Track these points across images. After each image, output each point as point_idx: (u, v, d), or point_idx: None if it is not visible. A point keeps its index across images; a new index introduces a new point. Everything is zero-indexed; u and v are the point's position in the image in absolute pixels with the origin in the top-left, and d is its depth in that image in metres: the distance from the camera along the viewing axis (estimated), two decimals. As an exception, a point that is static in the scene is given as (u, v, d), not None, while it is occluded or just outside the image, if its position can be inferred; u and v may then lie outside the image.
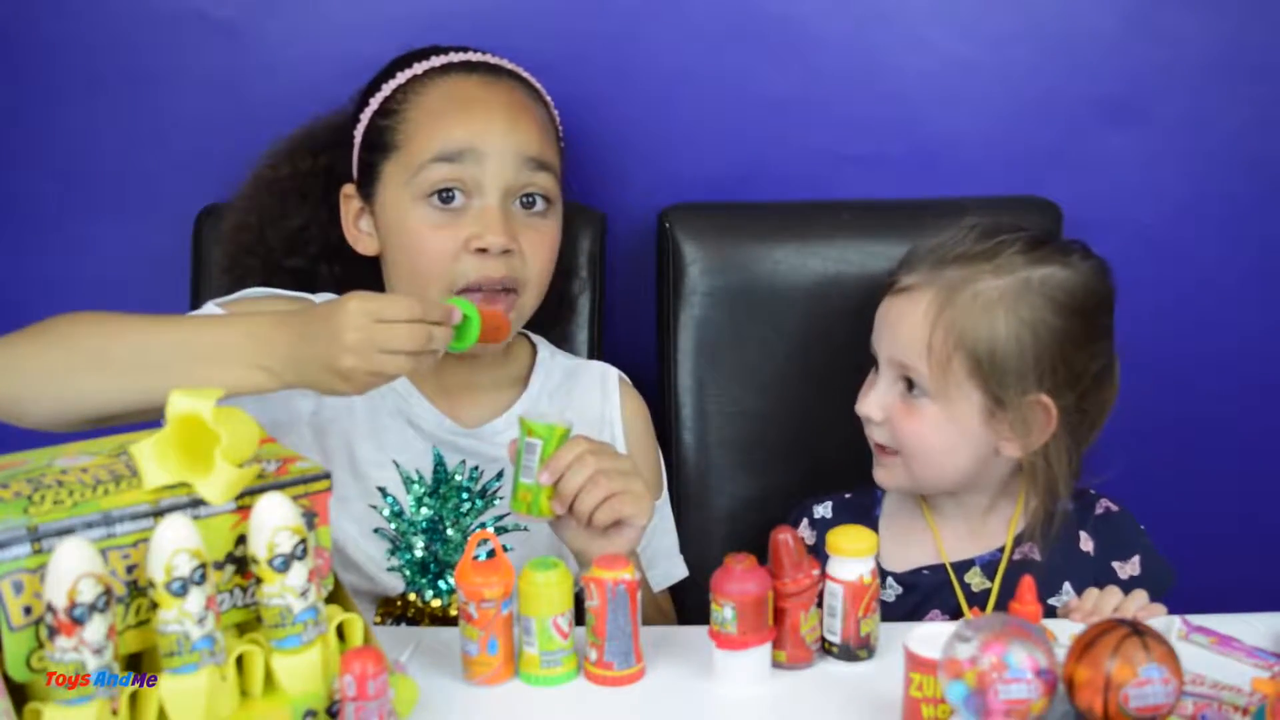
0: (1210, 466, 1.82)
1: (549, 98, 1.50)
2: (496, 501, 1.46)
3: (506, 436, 1.41)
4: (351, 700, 0.97)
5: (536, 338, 1.57)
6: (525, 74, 1.49)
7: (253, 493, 1.02)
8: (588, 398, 1.54)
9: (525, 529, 1.45)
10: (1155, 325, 1.75)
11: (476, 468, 1.46)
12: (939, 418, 1.35)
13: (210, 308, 1.39)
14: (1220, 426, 1.81)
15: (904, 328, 1.36)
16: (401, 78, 1.44)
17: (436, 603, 1.44)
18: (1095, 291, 1.37)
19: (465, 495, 1.45)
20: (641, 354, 1.72)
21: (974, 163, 1.73)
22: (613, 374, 1.57)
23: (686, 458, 1.65)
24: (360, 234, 1.46)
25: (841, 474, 1.49)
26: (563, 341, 1.64)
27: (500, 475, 1.46)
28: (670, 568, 1.56)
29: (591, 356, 1.66)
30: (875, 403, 1.39)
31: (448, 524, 1.44)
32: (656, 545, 1.54)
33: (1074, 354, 1.35)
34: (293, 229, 1.51)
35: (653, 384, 1.68)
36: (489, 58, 1.47)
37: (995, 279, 1.34)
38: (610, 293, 1.71)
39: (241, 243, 1.53)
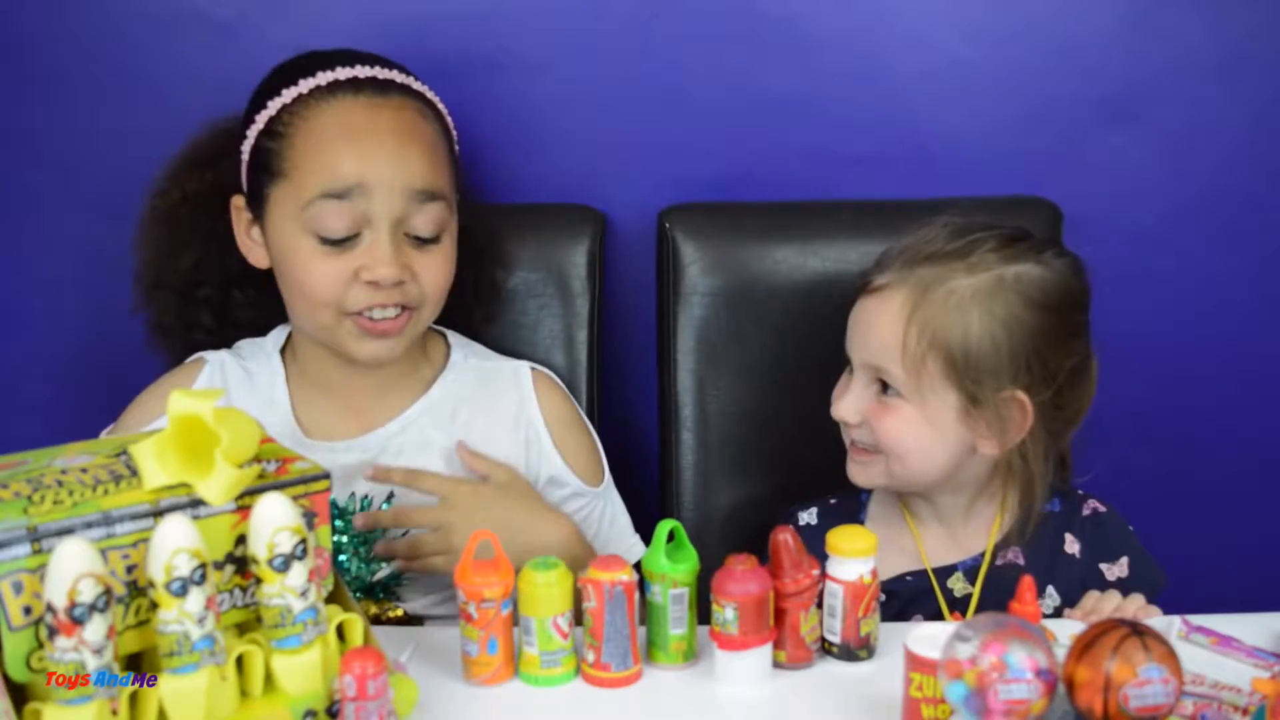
0: (1210, 465, 1.82)
1: (440, 104, 1.46)
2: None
3: (397, 440, 1.43)
4: (351, 700, 0.97)
5: (455, 337, 1.54)
6: (415, 83, 1.44)
7: (253, 493, 1.02)
8: (504, 401, 1.49)
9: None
10: (1155, 325, 1.75)
11: (367, 496, 1.43)
12: (915, 417, 1.35)
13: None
14: (1220, 426, 1.81)
15: (876, 329, 1.36)
16: (288, 95, 1.38)
17: (372, 609, 1.42)
18: (1069, 288, 1.36)
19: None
20: (641, 354, 1.72)
21: (974, 163, 1.72)
22: (525, 370, 1.52)
23: (686, 458, 1.65)
24: (252, 244, 1.44)
25: (841, 473, 1.48)
26: (563, 341, 1.64)
27: (391, 498, 1.42)
28: (629, 549, 1.53)
29: (591, 357, 1.65)
30: (850, 406, 1.38)
31: (346, 552, 1.41)
32: (608, 532, 1.52)
33: (1048, 350, 1.34)
34: (187, 266, 1.49)
35: (653, 384, 1.68)
36: (377, 71, 1.41)
37: (969, 277, 1.33)
38: (610, 293, 1.71)
39: (149, 279, 1.51)
